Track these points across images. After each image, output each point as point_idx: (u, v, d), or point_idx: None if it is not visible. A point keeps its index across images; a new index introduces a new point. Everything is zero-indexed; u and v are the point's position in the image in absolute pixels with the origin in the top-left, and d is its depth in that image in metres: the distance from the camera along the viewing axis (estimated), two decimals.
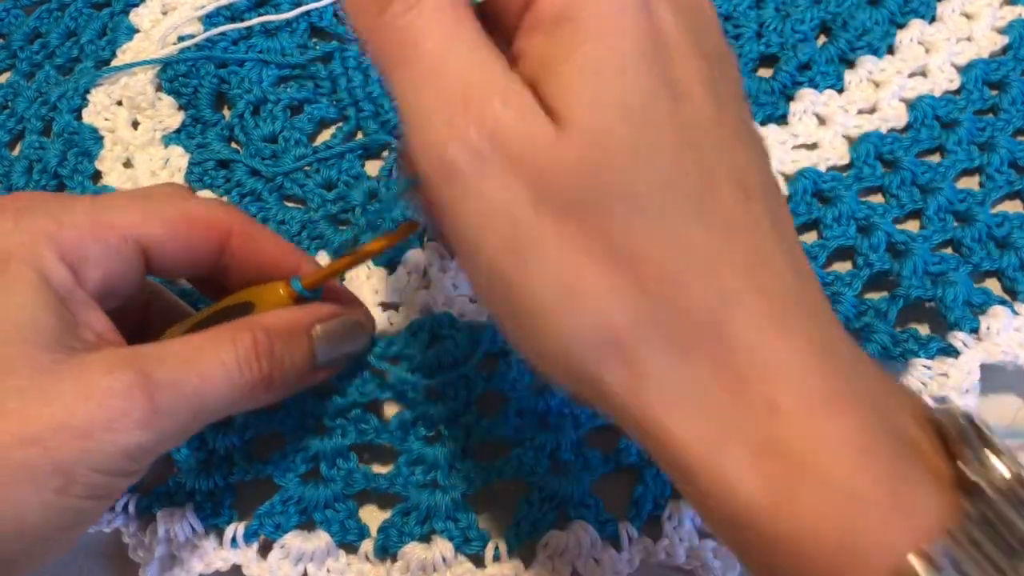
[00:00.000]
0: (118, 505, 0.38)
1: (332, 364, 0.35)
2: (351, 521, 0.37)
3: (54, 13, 0.52)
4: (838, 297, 0.41)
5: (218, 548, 0.37)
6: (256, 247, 0.35)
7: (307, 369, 0.34)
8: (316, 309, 0.34)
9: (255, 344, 0.31)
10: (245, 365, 0.31)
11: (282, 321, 0.33)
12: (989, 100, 0.47)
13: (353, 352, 0.36)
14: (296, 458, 0.37)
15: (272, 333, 0.32)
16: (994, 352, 0.39)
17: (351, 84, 0.48)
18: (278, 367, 0.32)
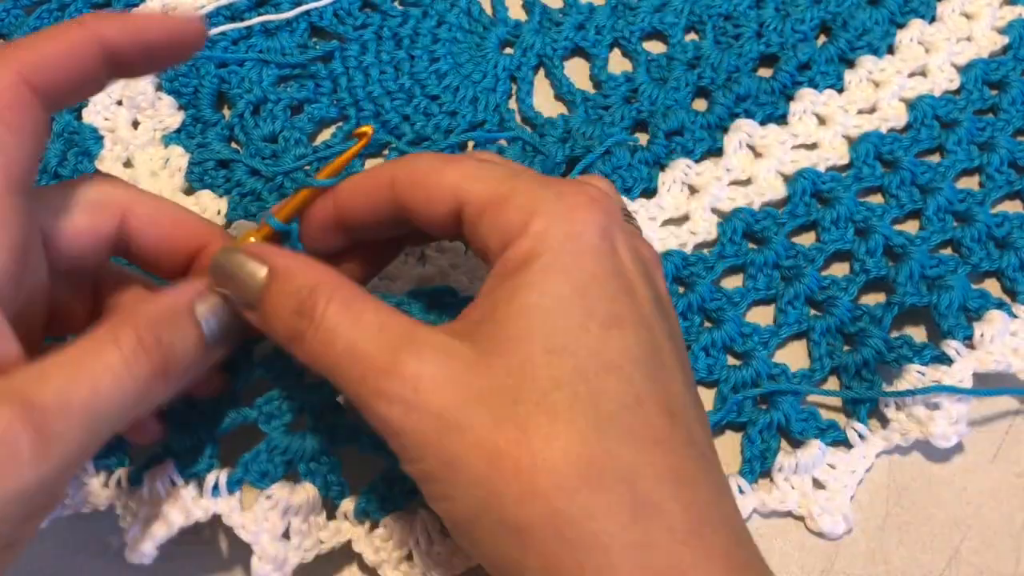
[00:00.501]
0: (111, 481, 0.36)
1: (228, 339, 0.33)
2: (334, 476, 0.37)
3: (54, 13, 0.52)
4: (834, 301, 0.41)
5: (197, 498, 0.35)
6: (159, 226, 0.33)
7: (201, 349, 0.31)
8: (194, 286, 0.32)
9: (139, 339, 0.29)
10: (134, 363, 0.29)
11: (161, 307, 0.31)
12: (989, 100, 0.47)
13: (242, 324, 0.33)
14: (283, 406, 0.36)
15: (154, 322, 0.30)
16: (986, 361, 0.39)
17: (351, 83, 0.48)
18: (170, 355, 0.30)
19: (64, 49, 0.30)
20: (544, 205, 0.29)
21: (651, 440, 0.27)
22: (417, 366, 0.27)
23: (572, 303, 0.28)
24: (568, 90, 0.48)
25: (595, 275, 0.28)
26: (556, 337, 0.27)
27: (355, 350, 0.28)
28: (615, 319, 0.28)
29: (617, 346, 0.28)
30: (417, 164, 0.32)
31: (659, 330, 0.30)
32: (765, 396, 0.40)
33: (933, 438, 0.38)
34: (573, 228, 0.29)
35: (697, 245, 0.44)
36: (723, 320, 0.41)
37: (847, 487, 0.39)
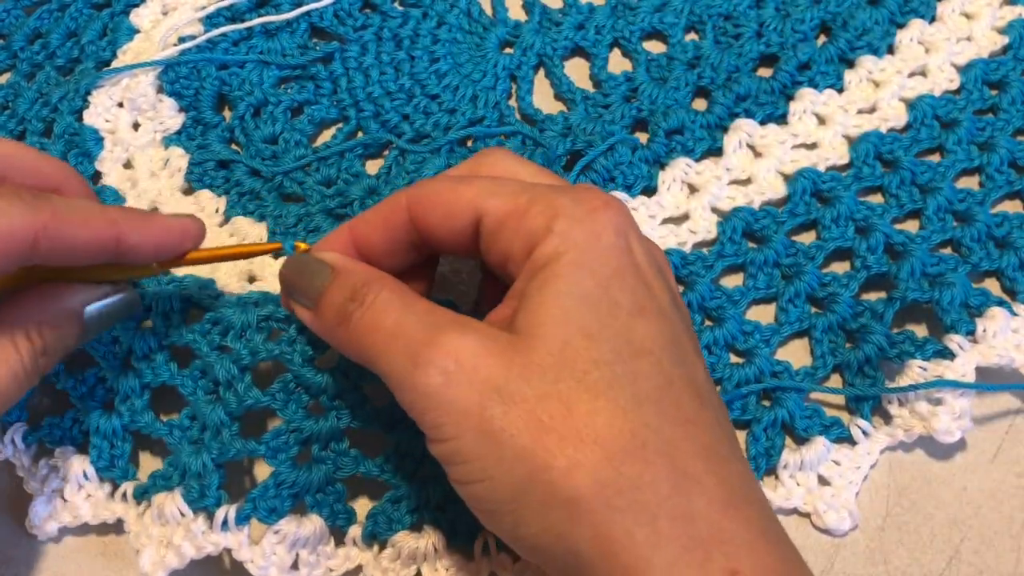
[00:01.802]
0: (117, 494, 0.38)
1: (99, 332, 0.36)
2: (340, 505, 0.37)
3: (54, 13, 0.52)
4: (835, 298, 0.41)
5: (208, 532, 0.36)
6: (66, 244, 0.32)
7: (75, 344, 0.35)
8: (87, 291, 0.35)
9: (32, 345, 0.32)
10: (31, 368, 0.32)
11: (55, 311, 0.34)
12: (989, 100, 0.47)
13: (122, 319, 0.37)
14: (289, 439, 0.37)
15: (45, 329, 0.33)
16: (989, 355, 0.39)
17: (352, 84, 0.48)
18: (50, 359, 0.34)
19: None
20: (564, 208, 0.31)
21: (684, 419, 0.29)
22: (459, 340, 0.29)
23: (599, 294, 0.30)
24: (568, 89, 0.49)
25: (616, 270, 0.30)
26: (590, 322, 0.29)
27: (401, 327, 0.30)
28: (639, 309, 0.30)
29: (645, 332, 0.30)
30: (432, 186, 0.33)
31: (677, 321, 0.32)
32: (768, 393, 0.40)
33: (936, 434, 0.38)
34: (594, 228, 0.31)
35: (696, 244, 0.44)
36: (724, 319, 0.41)
37: (852, 483, 0.39)
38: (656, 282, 0.32)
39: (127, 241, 0.33)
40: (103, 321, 0.35)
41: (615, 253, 0.31)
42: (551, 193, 0.32)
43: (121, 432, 0.38)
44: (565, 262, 0.30)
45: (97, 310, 0.35)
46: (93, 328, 0.35)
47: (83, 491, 0.38)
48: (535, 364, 0.28)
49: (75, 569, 0.38)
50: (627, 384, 0.29)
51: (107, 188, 0.45)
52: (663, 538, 0.27)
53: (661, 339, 0.30)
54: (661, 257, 0.35)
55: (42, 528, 0.38)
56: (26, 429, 0.39)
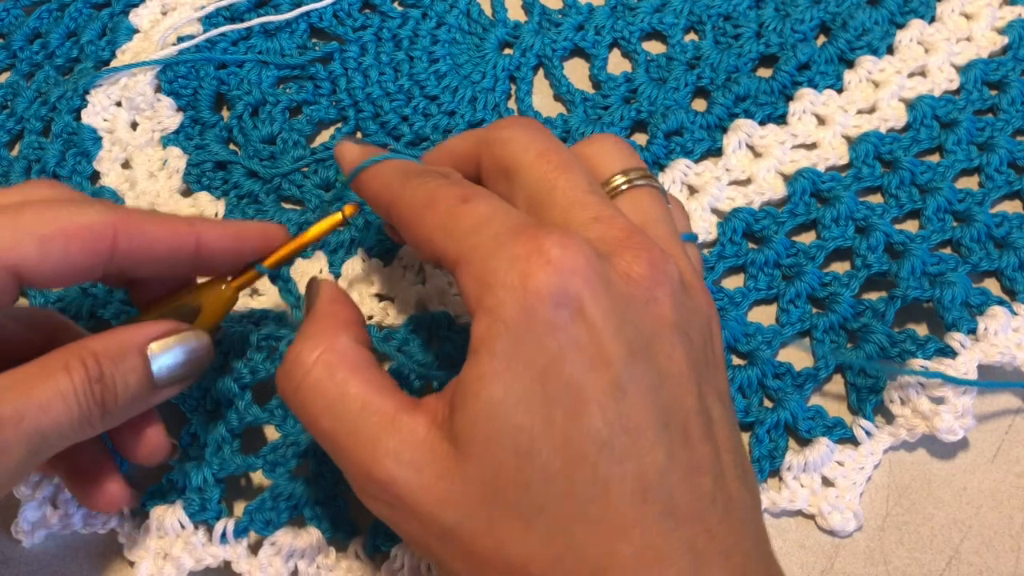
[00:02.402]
0: None
1: (175, 382, 0.34)
2: (341, 518, 0.37)
3: (54, 13, 0.52)
4: (836, 298, 0.41)
5: (207, 544, 0.36)
6: (146, 240, 0.32)
7: (145, 390, 0.33)
8: (150, 327, 0.33)
9: (86, 370, 0.31)
10: (82, 394, 0.30)
11: (113, 343, 0.32)
12: (988, 100, 0.47)
13: (196, 368, 0.34)
14: (287, 452, 0.37)
15: (101, 357, 0.31)
16: (991, 353, 0.39)
17: (351, 85, 0.48)
18: (110, 392, 0.31)
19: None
20: (495, 275, 0.27)
21: (618, 528, 0.26)
22: (396, 473, 0.28)
23: (534, 394, 0.27)
24: (567, 90, 0.48)
25: (553, 357, 0.27)
26: (523, 437, 0.27)
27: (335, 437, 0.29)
28: (579, 403, 0.27)
29: (583, 433, 0.26)
30: (404, 202, 0.32)
31: (635, 390, 0.27)
32: (770, 395, 0.40)
33: (939, 433, 0.38)
34: (526, 302, 0.27)
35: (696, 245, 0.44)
36: (726, 320, 0.41)
37: (856, 484, 0.38)
38: (612, 343, 0.27)
39: (206, 239, 0.33)
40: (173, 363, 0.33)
41: (551, 332, 0.26)
42: (489, 249, 0.28)
43: None
44: (498, 353, 0.27)
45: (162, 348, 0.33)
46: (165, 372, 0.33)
47: (76, 500, 0.38)
48: (469, 497, 0.27)
49: (75, 569, 0.38)
50: (557, 505, 0.26)
51: (105, 189, 0.45)
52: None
53: (603, 432, 0.26)
54: (649, 277, 0.29)
55: (30, 534, 0.38)
56: None
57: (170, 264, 0.33)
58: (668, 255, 0.30)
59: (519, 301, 0.27)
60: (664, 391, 0.28)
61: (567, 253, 0.27)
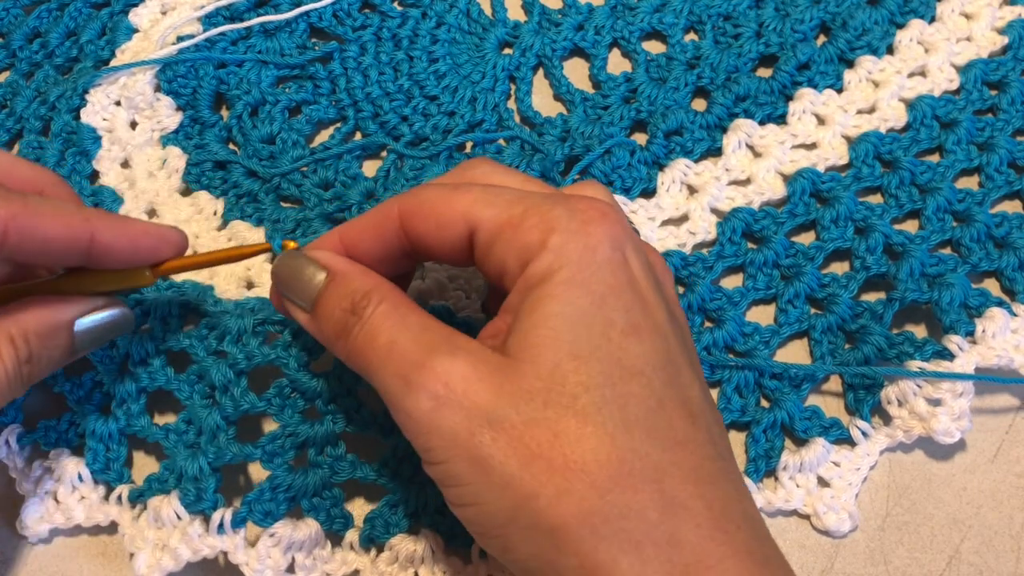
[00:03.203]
0: (112, 497, 0.38)
1: (91, 348, 0.36)
2: (337, 509, 0.37)
3: (54, 13, 0.52)
4: (834, 299, 0.41)
5: (204, 535, 0.36)
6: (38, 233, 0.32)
7: (65, 358, 0.35)
8: (79, 304, 0.34)
9: (16, 352, 0.32)
10: (13, 372, 0.32)
11: (44, 321, 0.33)
12: (988, 100, 0.47)
13: (115, 334, 0.36)
14: (285, 443, 0.37)
15: (31, 336, 0.33)
16: (988, 356, 0.39)
17: (350, 84, 0.48)
18: (36, 367, 0.33)
19: None
20: (559, 222, 0.30)
21: (674, 441, 0.29)
22: (450, 364, 0.29)
23: (593, 313, 0.29)
24: (567, 90, 0.48)
25: (611, 287, 0.30)
26: (581, 344, 0.29)
27: (395, 345, 0.30)
28: (633, 327, 0.29)
29: (637, 353, 0.29)
30: (424, 195, 0.33)
31: (672, 337, 0.31)
32: (768, 395, 0.40)
33: (936, 435, 0.38)
34: (589, 242, 0.30)
35: (696, 245, 0.44)
36: (724, 320, 0.41)
37: (852, 485, 0.39)
38: (652, 297, 0.31)
39: (101, 240, 0.33)
40: (95, 336, 0.35)
41: (610, 268, 0.30)
42: (546, 204, 0.31)
43: (117, 436, 0.38)
44: (559, 280, 0.29)
45: (88, 324, 0.34)
46: (85, 343, 0.35)
47: (77, 493, 0.38)
48: (524, 390, 0.28)
49: (75, 569, 0.38)
50: (616, 408, 0.28)
51: (105, 188, 0.45)
52: (649, 565, 0.27)
53: (654, 359, 0.30)
54: (660, 267, 0.34)
55: (33, 529, 0.38)
56: (21, 431, 0.39)
57: (61, 256, 0.33)
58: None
59: (583, 242, 0.30)
60: (689, 344, 0.33)
61: (614, 211, 0.31)
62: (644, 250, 0.33)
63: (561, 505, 0.27)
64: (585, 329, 0.29)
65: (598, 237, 0.30)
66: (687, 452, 0.29)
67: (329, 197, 0.44)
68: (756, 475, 0.39)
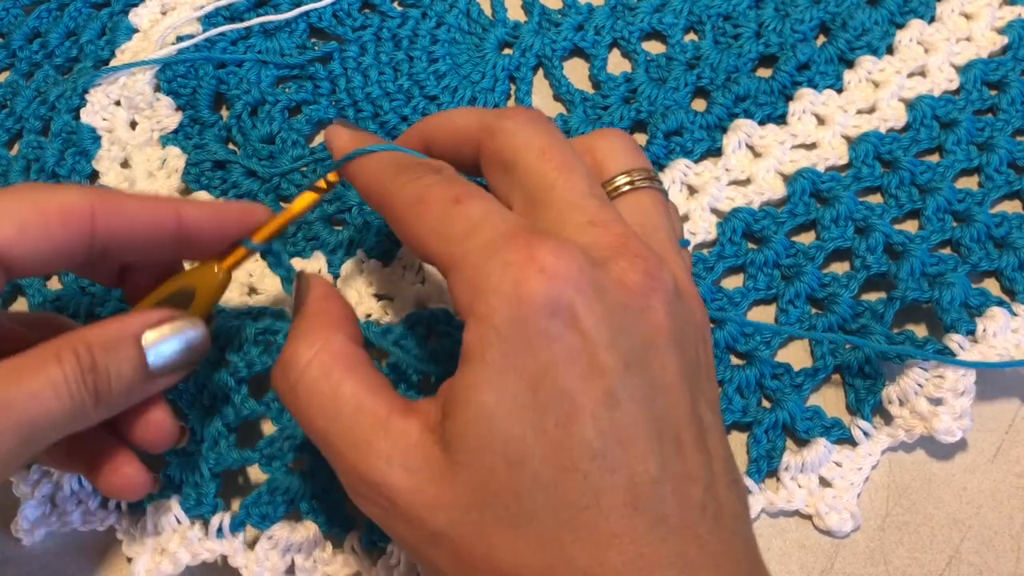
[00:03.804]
0: (111, 503, 0.38)
1: (172, 371, 0.33)
2: (337, 512, 0.37)
3: (53, 13, 0.52)
4: (835, 299, 0.41)
5: (203, 539, 0.36)
6: (125, 217, 0.32)
7: (140, 379, 0.32)
8: (144, 315, 0.33)
9: (78, 359, 0.30)
10: (74, 383, 0.30)
11: (106, 333, 0.31)
12: (988, 100, 0.47)
13: (192, 356, 0.33)
14: (284, 447, 0.37)
15: (94, 346, 0.31)
16: (989, 355, 0.39)
17: (350, 84, 0.48)
18: (104, 382, 0.31)
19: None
20: (488, 281, 0.27)
21: (609, 537, 0.26)
22: (387, 473, 0.28)
23: (526, 403, 0.26)
24: (567, 90, 0.48)
25: (546, 366, 0.26)
26: (514, 446, 0.26)
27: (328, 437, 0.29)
28: (571, 412, 0.26)
29: (575, 443, 0.26)
30: (395, 199, 0.31)
31: (628, 399, 0.27)
32: (769, 395, 0.40)
33: (937, 434, 0.38)
34: (519, 310, 0.26)
35: (697, 245, 0.44)
36: (725, 320, 0.41)
37: (853, 485, 0.38)
38: (605, 354, 0.27)
39: (187, 217, 0.33)
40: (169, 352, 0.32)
41: (545, 341, 0.26)
42: (483, 254, 0.27)
43: None
44: (489, 361, 0.27)
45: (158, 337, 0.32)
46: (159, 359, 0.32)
47: (74, 497, 0.38)
48: (461, 502, 0.27)
49: (75, 569, 0.38)
50: (547, 513, 0.26)
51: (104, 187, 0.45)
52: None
53: (595, 443, 0.26)
54: (643, 286, 0.28)
55: (29, 532, 0.38)
56: None
57: (152, 242, 0.33)
58: (663, 261, 0.29)
59: (511, 309, 0.26)
60: (658, 401, 0.28)
61: (560, 261, 0.27)
62: (623, 279, 0.28)
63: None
64: (519, 426, 0.26)
65: (529, 303, 0.26)
66: (621, 545, 0.26)
67: (329, 198, 0.44)
68: (758, 475, 0.39)
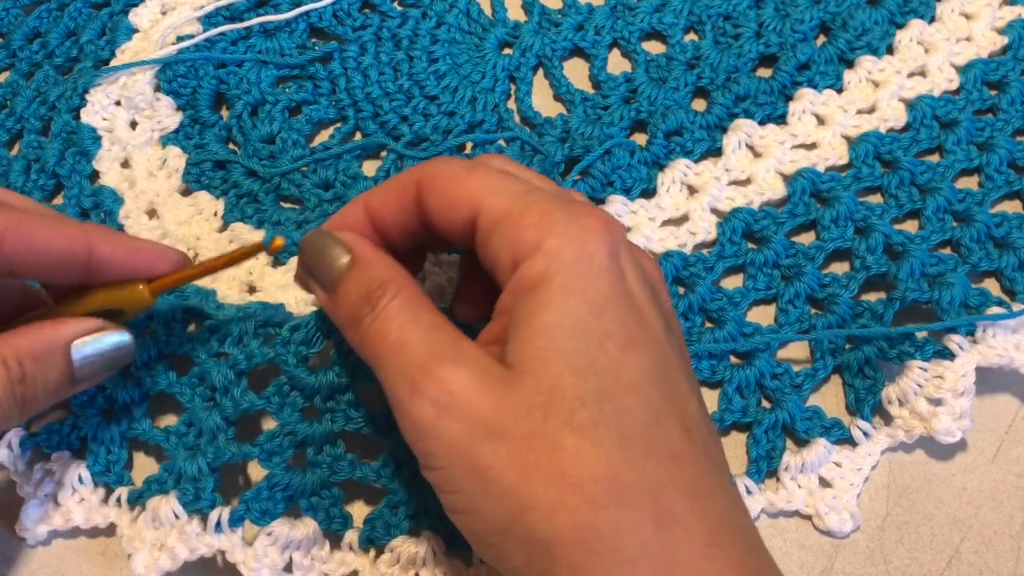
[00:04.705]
0: (111, 499, 0.38)
1: (95, 377, 0.34)
2: (336, 509, 0.37)
3: (54, 13, 0.52)
4: (835, 299, 0.41)
5: (201, 533, 0.36)
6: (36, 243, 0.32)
7: (65, 385, 0.33)
8: (74, 325, 0.33)
9: (8, 371, 0.31)
10: (4, 394, 0.31)
11: (37, 342, 0.32)
12: (988, 100, 0.47)
13: (117, 364, 0.35)
14: (284, 442, 0.37)
15: (24, 357, 0.32)
16: (989, 355, 0.39)
17: (350, 84, 0.48)
18: (31, 391, 0.32)
19: None
20: (557, 225, 0.30)
21: (670, 456, 0.28)
22: (455, 372, 0.29)
23: (590, 324, 0.29)
24: (567, 90, 0.48)
25: (608, 297, 0.29)
26: (579, 357, 0.28)
27: (403, 344, 0.30)
28: (630, 340, 0.29)
29: (634, 366, 0.29)
30: (441, 169, 0.33)
31: (669, 349, 0.31)
32: (769, 395, 0.40)
33: (937, 434, 0.38)
34: (586, 249, 0.30)
35: (697, 245, 0.44)
36: (724, 320, 0.41)
37: (853, 485, 0.39)
38: (648, 308, 0.31)
39: (99, 252, 0.33)
40: (95, 360, 0.34)
41: (607, 278, 0.30)
42: (548, 204, 0.30)
43: (119, 439, 0.39)
44: (555, 286, 0.29)
45: (86, 347, 0.33)
46: (85, 367, 0.33)
47: (76, 495, 0.38)
48: (525, 403, 0.28)
49: (76, 570, 0.38)
50: (613, 423, 0.28)
51: (105, 188, 0.45)
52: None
53: (652, 372, 0.29)
54: (656, 276, 0.34)
55: (32, 531, 0.38)
56: (23, 434, 0.39)
57: (60, 270, 0.33)
58: None
59: (579, 247, 0.29)
60: (686, 356, 0.32)
61: (612, 219, 0.31)
62: (641, 262, 0.33)
63: (556, 519, 0.27)
64: (583, 341, 0.29)
65: (595, 245, 0.30)
66: (683, 467, 0.29)
67: (329, 197, 0.44)
68: (758, 476, 0.39)
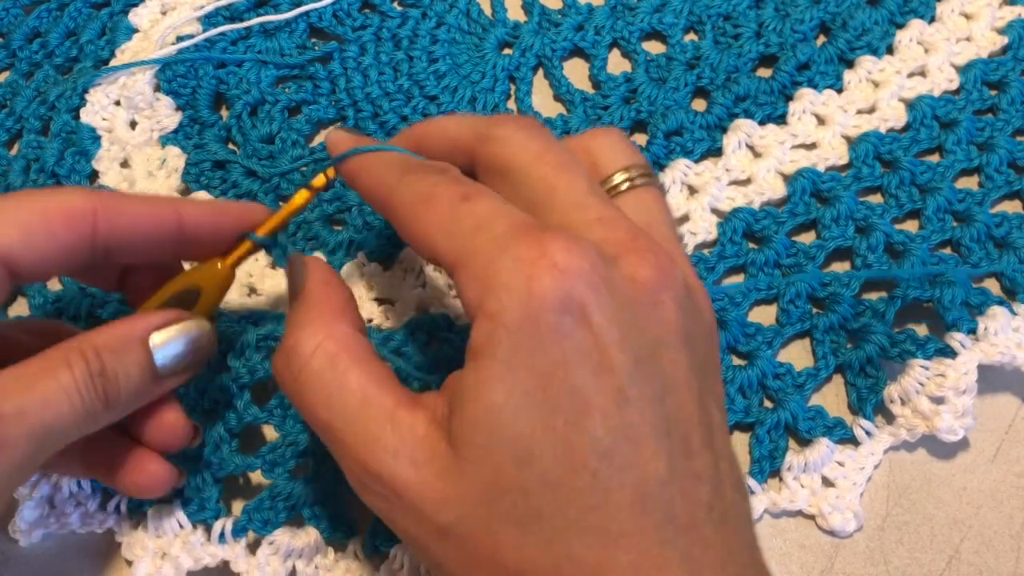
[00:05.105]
0: (110, 505, 0.38)
1: (179, 371, 0.33)
2: (339, 518, 0.37)
3: (53, 13, 0.52)
4: (836, 298, 0.41)
5: (206, 544, 0.36)
6: (127, 217, 0.32)
7: (148, 380, 0.32)
8: (150, 317, 0.33)
9: (87, 364, 0.30)
10: (84, 387, 0.30)
11: (114, 336, 0.32)
12: (988, 100, 0.47)
13: (199, 355, 0.34)
14: (286, 452, 0.37)
15: (102, 350, 0.31)
16: (991, 353, 0.39)
17: (350, 84, 0.48)
18: (113, 385, 0.31)
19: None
20: (498, 278, 0.26)
21: (616, 537, 0.26)
22: (396, 469, 0.28)
23: (536, 401, 0.26)
24: (567, 90, 0.48)
25: (557, 363, 0.26)
26: (523, 443, 0.26)
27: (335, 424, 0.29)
28: (582, 410, 0.26)
29: (584, 441, 0.26)
30: (401, 198, 0.31)
31: (638, 398, 0.27)
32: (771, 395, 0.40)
33: (939, 433, 0.38)
34: (530, 308, 0.26)
35: (697, 245, 0.44)
36: (726, 321, 0.41)
37: (856, 484, 0.38)
38: (617, 354, 0.26)
39: (188, 216, 0.33)
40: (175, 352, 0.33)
41: (556, 338, 0.26)
42: (493, 250, 0.27)
43: None
44: (499, 359, 0.26)
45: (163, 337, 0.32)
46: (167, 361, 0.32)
47: (73, 499, 0.38)
48: (468, 498, 0.27)
49: (75, 569, 0.38)
50: (555, 511, 0.26)
51: (104, 188, 0.45)
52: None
53: (604, 441, 0.26)
54: (655, 282, 0.28)
55: (26, 533, 0.37)
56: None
57: (154, 243, 0.33)
58: (673, 258, 0.29)
59: (523, 306, 0.26)
60: (668, 399, 0.27)
61: (572, 257, 0.26)
62: (631, 273, 0.28)
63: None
64: (527, 424, 0.26)
65: (541, 299, 0.26)
66: (629, 545, 0.26)
67: (329, 197, 0.44)
68: (760, 476, 0.39)
